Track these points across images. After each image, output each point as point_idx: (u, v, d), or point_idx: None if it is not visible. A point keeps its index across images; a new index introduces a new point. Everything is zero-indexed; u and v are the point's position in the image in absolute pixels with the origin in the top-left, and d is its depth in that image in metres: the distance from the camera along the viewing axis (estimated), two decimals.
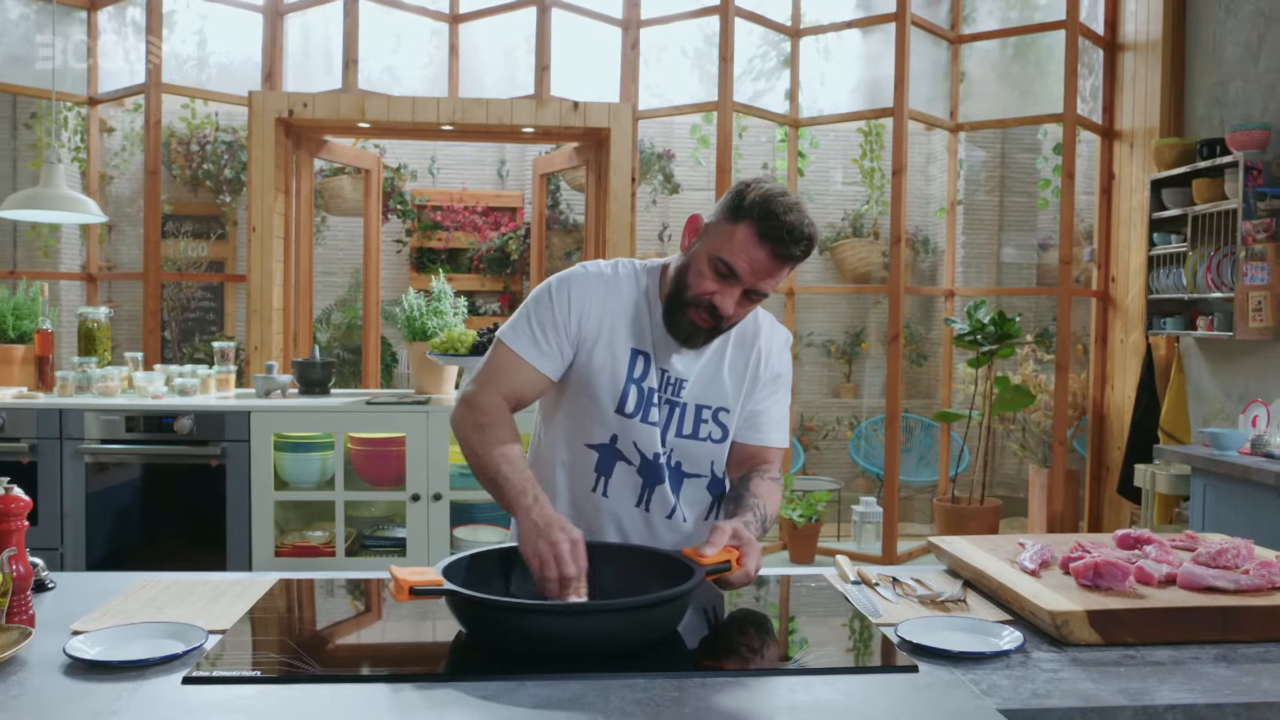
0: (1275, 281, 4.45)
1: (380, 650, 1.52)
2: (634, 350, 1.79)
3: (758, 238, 1.64)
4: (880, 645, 1.47)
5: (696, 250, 1.72)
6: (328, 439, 3.59)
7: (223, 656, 1.39)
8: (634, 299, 1.80)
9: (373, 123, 5.03)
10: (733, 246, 1.66)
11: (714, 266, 1.68)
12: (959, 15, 5.83)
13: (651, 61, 5.70)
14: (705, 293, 1.69)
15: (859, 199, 7.92)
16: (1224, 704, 1.28)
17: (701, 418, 1.83)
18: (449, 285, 3.97)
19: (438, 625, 1.56)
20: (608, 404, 1.78)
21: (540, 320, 1.77)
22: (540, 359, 1.76)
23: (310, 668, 1.35)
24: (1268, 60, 4.67)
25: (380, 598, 1.75)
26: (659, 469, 1.81)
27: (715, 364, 1.84)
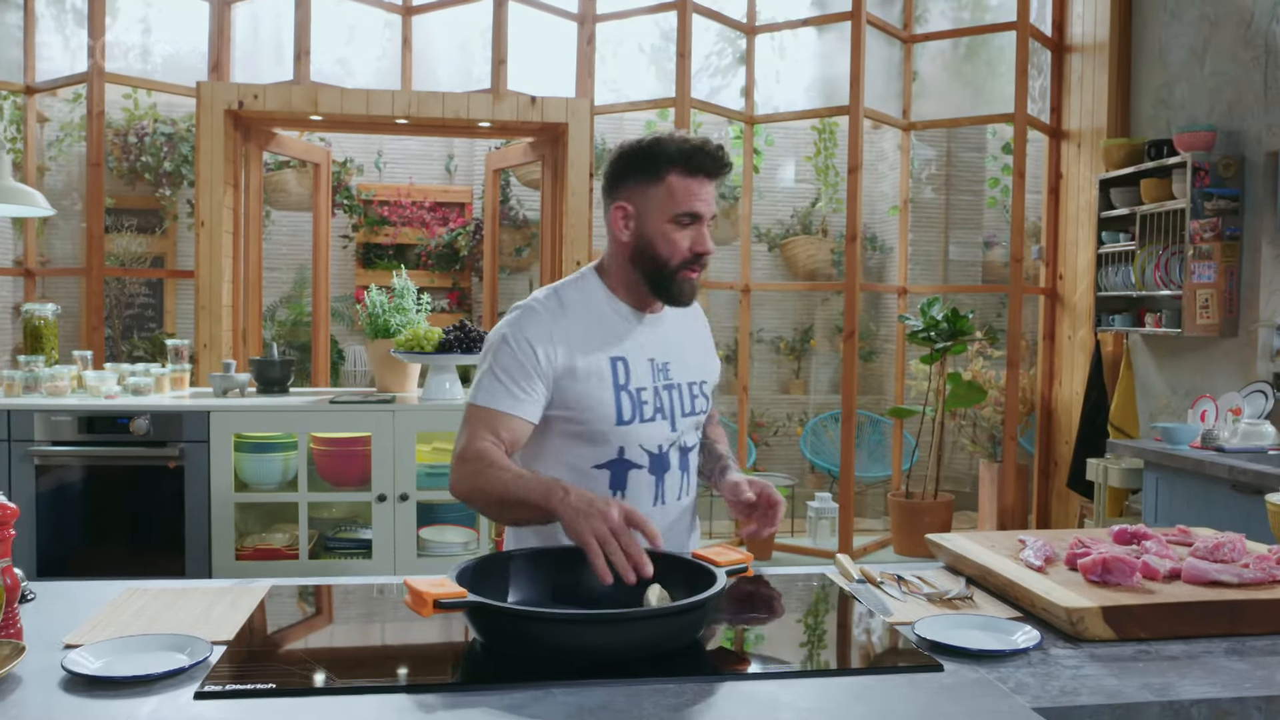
0: (1221, 280, 4.55)
1: (393, 657, 1.48)
2: (611, 359, 1.81)
3: (690, 174, 1.75)
4: (900, 644, 1.46)
5: (644, 226, 1.78)
6: (290, 439, 3.51)
7: (233, 668, 1.34)
8: (590, 310, 1.83)
9: (325, 115, 4.93)
10: (681, 197, 1.75)
11: (678, 223, 1.76)
12: (911, 15, 5.89)
13: (608, 57, 5.67)
14: (688, 251, 1.78)
15: (808, 196, 7.97)
16: (1245, 698, 1.29)
17: (693, 393, 1.91)
18: (411, 282, 3.90)
19: (446, 630, 1.52)
20: (608, 421, 1.79)
21: (508, 370, 1.76)
22: (517, 405, 1.75)
23: (327, 678, 1.30)
24: (1213, 64, 4.79)
25: (382, 603, 1.71)
26: (665, 459, 1.86)
27: (683, 340, 1.93)
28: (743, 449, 6.42)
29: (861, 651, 1.47)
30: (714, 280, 7.64)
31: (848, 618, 1.61)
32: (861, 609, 1.63)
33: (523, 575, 1.57)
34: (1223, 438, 4.12)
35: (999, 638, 1.47)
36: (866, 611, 1.62)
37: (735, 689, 1.29)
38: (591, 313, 1.83)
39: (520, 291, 7.74)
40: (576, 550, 1.55)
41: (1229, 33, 4.68)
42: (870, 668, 1.37)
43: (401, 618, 1.64)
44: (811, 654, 1.48)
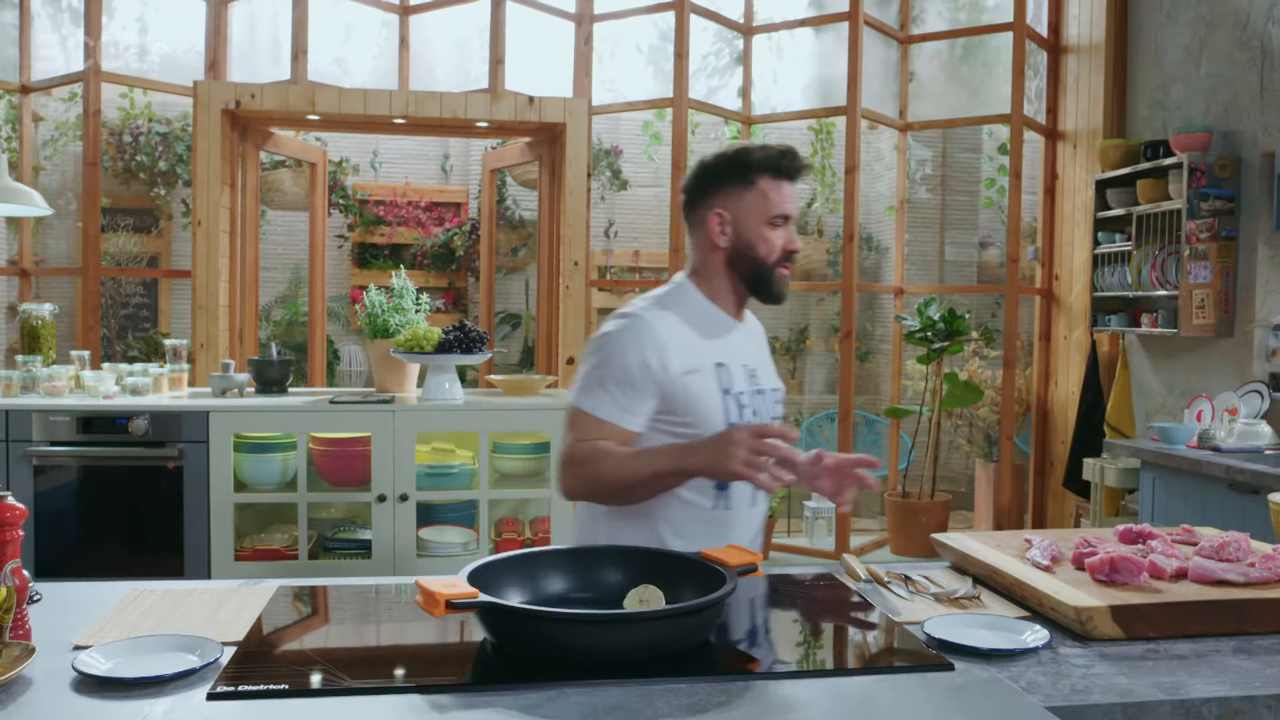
0: (1217, 280, 4.57)
1: (403, 657, 1.47)
2: (715, 364, 1.89)
3: (778, 178, 1.90)
4: (910, 644, 1.46)
5: (740, 230, 1.90)
6: (289, 439, 3.50)
7: (244, 669, 1.33)
8: (694, 317, 1.91)
9: (323, 115, 4.92)
10: (774, 199, 1.89)
11: (772, 224, 1.89)
12: (908, 15, 5.90)
13: (605, 57, 5.67)
14: (782, 250, 1.90)
15: (803, 196, 7.97)
16: (1256, 696, 1.30)
17: (775, 399, 2.01)
18: (410, 282, 3.90)
19: (456, 630, 1.52)
20: (717, 424, 1.84)
21: (618, 382, 1.82)
22: (622, 417, 1.82)
23: (339, 678, 1.30)
24: (1209, 64, 4.80)
25: (389, 603, 1.71)
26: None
27: (759, 349, 2.04)
28: None
29: (872, 651, 1.47)
30: None
31: (856, 617, 1.61)
32: (870, 608, 1.64)
33: (532, 576, 1.57)
34: (1219, 437, 4.14)
35: (1008, 637, 1.47)
36: (875, 611, 1.62)
37: (747, 689, 1.29)
38: (695, 320, 1.91)
39: (516, 292, 7.74)
40: (586, 550, 1.58)
41: (1225, 34, 4.69)
42: (882, 667, 1.37)
43: (409, 618, 1.64)
44: (822, 654, 1.49)
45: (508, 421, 3.61)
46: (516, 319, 7.70)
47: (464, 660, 1.45)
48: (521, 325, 7.70)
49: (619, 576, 1.59)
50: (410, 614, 1.67)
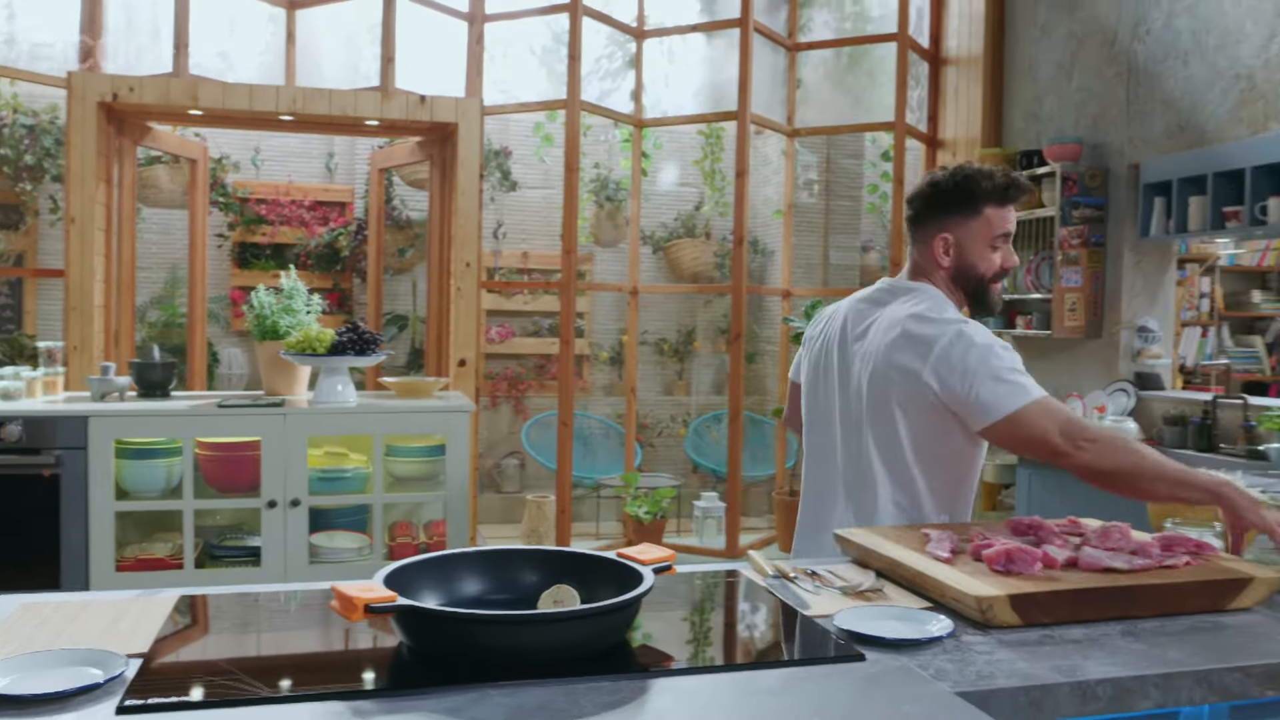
0: (1087, 284, 4.80)
1: (319, 664, 1.45)
2: None
3: (1003, 204, 2.07)
4: (822, 637, 1.50)
5: (964, 249, 2.09)
6: (174, 444, 3.38)
7: (152, 681, 1.29)
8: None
9: (206, 110, 4.77)
10: (996, 224, 2.07)
11: (994, 245, 2.08)
12: (796, 24, 6.02)
13: (498, 57, 5.63)
14: (1001, 266, 2.10)
15: (691, 199, 8.07)
16: (1145, 675, 1.38)
17: None
18: (300, 283, 3.81)
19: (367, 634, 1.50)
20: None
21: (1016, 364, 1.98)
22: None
23: (254, 687, 1.27)
24: (1079, 79, 5.04)
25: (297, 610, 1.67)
26: None
27: None
28: (630, 451, 6.46)
29: (786, 644, 1.50)
30: (603, 282, 7.67)
31: (768, 612, 1.65)
32: (780, 603, 1.67)
33: (447, 578, 1.56)
34: None
35: (914, 627, 1.52)
36: (786, 606, 1.66)
37: (669, 685, 1.31)
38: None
39: (403, 293, 7.63)
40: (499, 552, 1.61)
41: (1094, 50, 4.93)
42: (797, 660, 1.40)
43: (319, 624, 1.61)
44: (738, 648, 1.51)
45: (402, 424, 3.57)
46: (403, 320, 7.59)
47: (379, 665, 1.43)
48: (409, 327, 7.60)
49: (534, 577, 1.59)
50: (319, 620, 1.64)
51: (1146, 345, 4.68)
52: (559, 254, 7.70)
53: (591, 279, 7.78)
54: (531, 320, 7.89)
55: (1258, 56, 4.03)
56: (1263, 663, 1.42)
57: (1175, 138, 4.44)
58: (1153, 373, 4.64)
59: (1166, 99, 4.49)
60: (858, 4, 6.19)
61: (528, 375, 7.80)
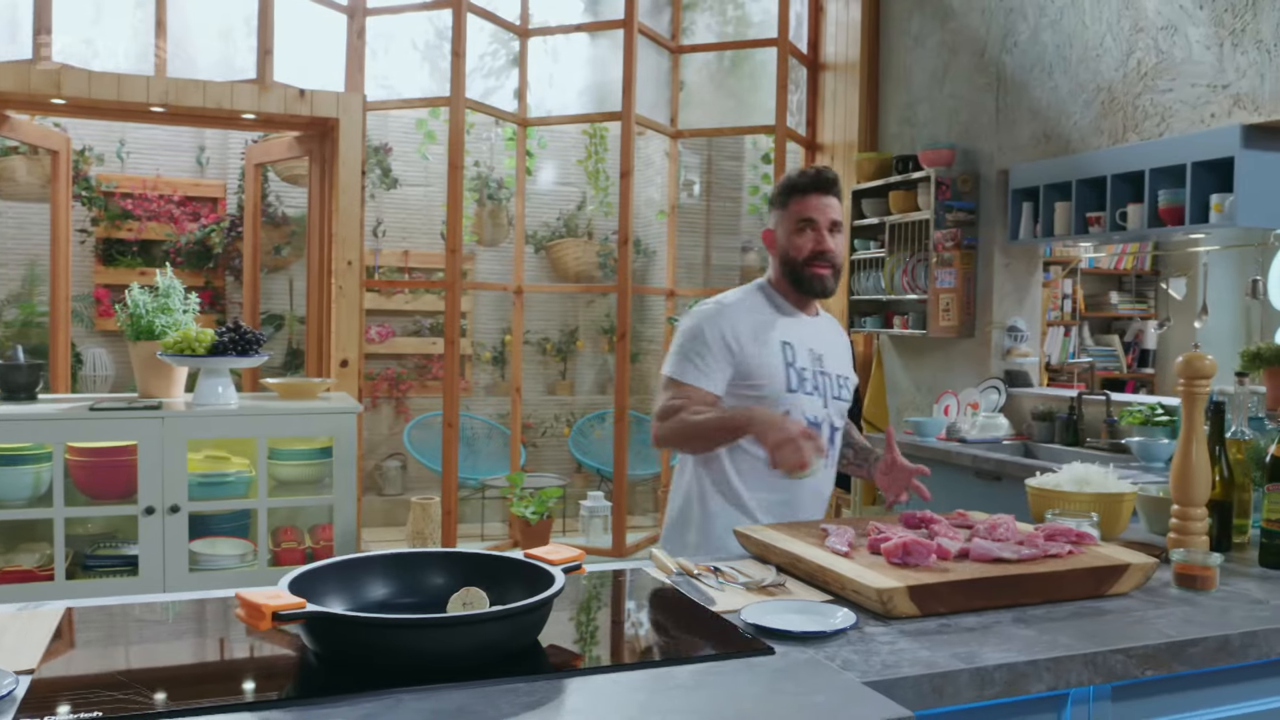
0: (960, 285, 4.98)
1: (222, 674, 1.41)
2: (782, 342, 2.32)
3: (803, 193, 2.34)
4: (730, 632, 1.53)
5: (780, 242, 2.36)
6: (43, 450, 3.22)
7: (47, 698, 1.23)
8: (762, 307, 2.37)
9: (70, 99, 4.55)
10: (796, 210, 2.33)
11: (798, 229, 2.32)
12: (679, 26, 6.08)
13: (380, 52, 5.53)
14: (805, 248, 2.31)
15: (574, 199, 8.07)
16: (1038, 660, 1.44)
17: (839, 383, 2.41)
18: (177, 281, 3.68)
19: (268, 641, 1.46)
20: (779, 387, 2.29)
21: (699, 353, 2.29)
22: (700, 379, 2.28)
23: (160, 701, 1.23)
24: (951, 87, 5.22)
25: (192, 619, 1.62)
26: (820, 429, 2.33)
27: (832, 343, 2.44)
28: (515, 451, 6.42)
29: (696, 640, 1.52)
30: (484, 281, 7.61)
31: (675, 609, 1.67)
32: (686, 600, 1.69)
33: (353, 583, 1.54)
34: (964, 430, 4.51)
35: (819, 620, 1.56)
36: (692, 602, 1.68)
37: (584, 684, 1.32)
38: (763, 310, 2.36)
39: (279, 291, 7.43)
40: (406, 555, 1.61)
41: (965, 60, 5.12)
42: (708, 655, 1.42)
43: (218, 633, 1.57)
44: (650, 645, 1.53)
45: (287, 426, 3.48)
46: (279, 320, 7.39)
47: (285, 673, 1.40)
48: (285, 326, 7.40)
49: (441, 580, 1.58)
50: (215, 629, 1.60)
51: (1016, 344, 4.88)
52: (440, 253, 7.63)
53: (473, 278, 7.71)
54: (412, 320, 7.78)
55: (1117, 70, 4.25)
56: (1142, 644, 1.51)
57: (1041, 146, 4.64)
58: (1021, 371, 4.85)
59: (1033, 108, 4.69)
60: (739, 9, 6.29)
61: (409, 376, 7.69)
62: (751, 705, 1.24)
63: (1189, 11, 3.92)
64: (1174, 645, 1.53)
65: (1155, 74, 4.06)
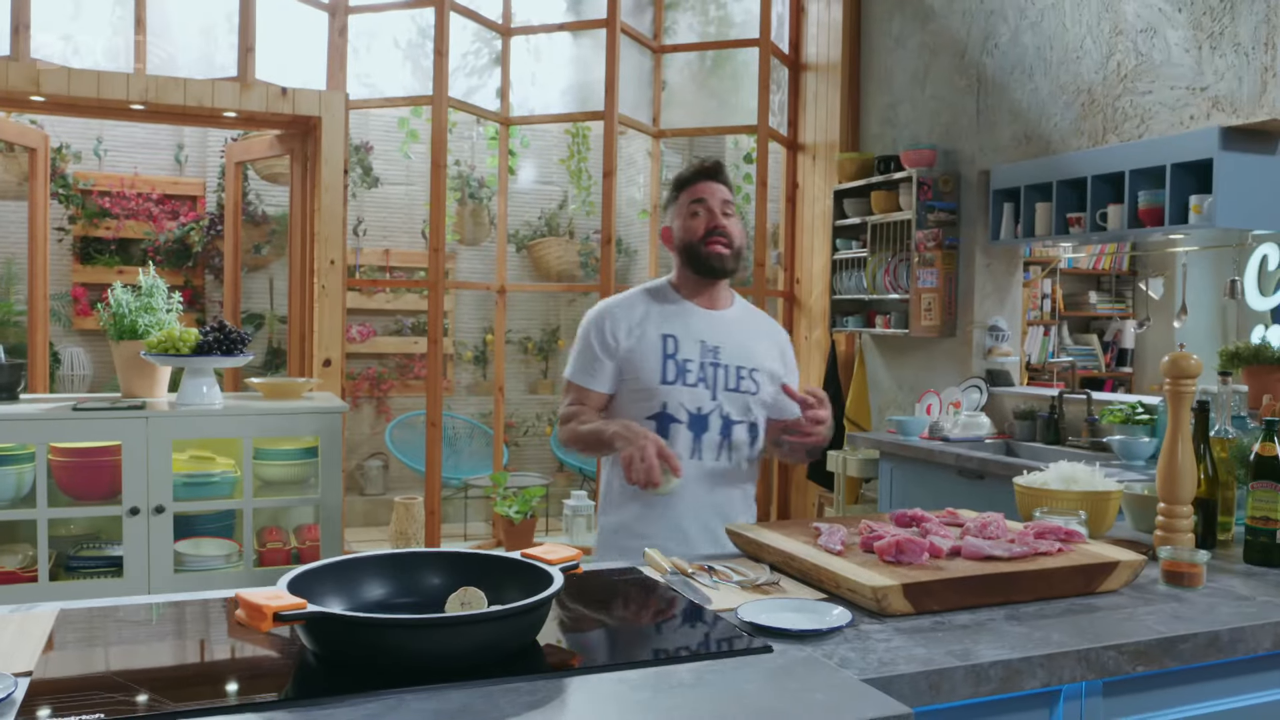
0: (942, 285, 5.01)
1: (223, 675, 1.40)
2: (662, 335, 2.35)
3: (690, 181, 2.40)
4: (727, 630, 1.54)
5: (677, 227, 2.40)
6: (25, 450, 3.20)
7: (48, 700, 1.23)
8: (653, 300, 2.41)
9: (49, 97, 4.52)
10: (688, 196, 2.39)
11: (692, 212, 2.37)
12: (661, 26, 6.09)
13: (361, 50, 5.51)
14: (700, 228, 2.35)
15: (555, 198, 8.07)
16: (1031, 656, 1.46)
17: (740, 375, 2.37)
18: (161, 280, 3.65)
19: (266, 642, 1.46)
20: (654, 379, 2.32)
21: (585, 355, 2.38)
22: (591, 380, 2.36)
23: (160, 701, 1.22)
24: (932, 88, 5.26)
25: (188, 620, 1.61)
26: (704, 420, 2.33)
27: (744, 336, 2.42)
28: (498, 450, 6.42)
29: (695, 639, 1.53)
30: (466, 280, 7.59)
31: (672, 608, 1.67)
32: (682, 599, 1.70)
33: (350, 583, 1.54)
34: (947, 429, 4.54)
35: (815, 618, 1.58)
36: (688, 601, 1.69)
37: (585, 683, 1.32)
38: (647, 305, 2.40)
39: (259, 290, 7.39)
40: (403, 555, 1.62)
41: (946, 61, 5.15)
42: (708, 654, 1.43)
43: (214, 633, 1.57)
44: (649, 644, 1.53)
45: (272, 426, 3.46)
46: (260, 319, 7.35)
47: (284, 673, 1.39)
48: (266, 325, 7.36)
49: (438, 580, 1.58)
50: (211, 630, 1.59)
51: (997, 343, 4.92)
52: (421, 251, 7.62)
53: (454, 277, 7.69)
54: (394, 319, 7.75)
55: (1097, 73, 4.29)
56: (1133, 641, 1.53)
57: (1022, 147, 4.68)
58: (1003, 370, 4.88)
59: (1014, 110, 4.73)
60: (721, 9, 6.30)
61: (390, 375, 7.66)
62: (753, 703, 1.25)
63: (1168, 15, 3.96)
64: (1165, 641, 1.55)
65: (1135, 76, 4.10)
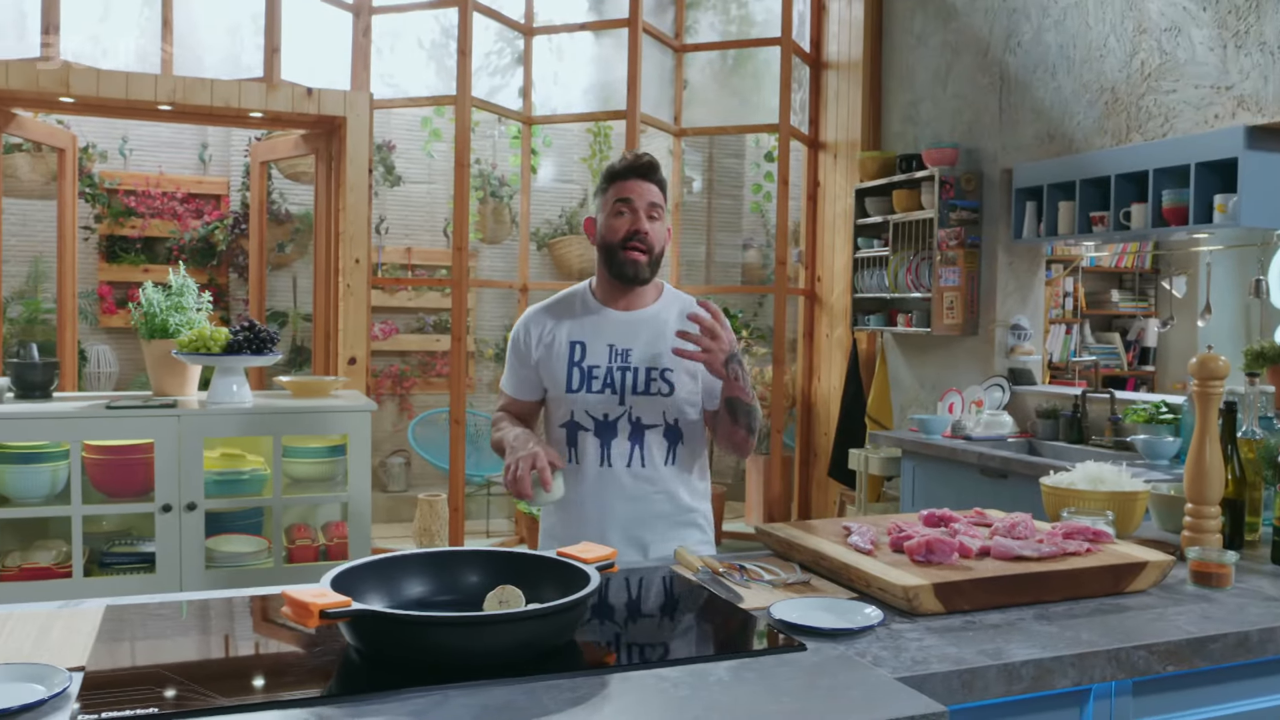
0: (964, 283, 5.02)
1: (269, 671, 1.43)
2: (571, 342, 2.30)
3: (621, 177, 2.27)
4: (761, 628, 1.56)
5: (600, 223, 2.30)
6: (60, 448, 3.24)
7: (101, 695, 1.26)
8: (567, 306, 2.36)
9: (79, 98, 4.57)
10: (613, 193, 2.27)
11: (616, 211, 2.25)
12: (682, 25, 6.11)
13: (385, 50, 5.55)
14: (621, 229, 2.24)
15: (575, 196, 8.09)
16: (1063, 656, 1.48)
17: (650, 377, 2.28)
18: (191, 279, 3.70)
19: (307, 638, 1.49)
20: (561, 387, 2.29)
21: (510, 363, 2.40)
22: (517, 389, 2.38)
23: (209, 697, 1.26)
24: (954, 86, 5.26)
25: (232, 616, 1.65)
26: (612, 427, 2.27)
27: (655, 335, 2.30)
28: None
29: (729, 637, 1.56)
30: (487, 279, 7.63)
31: (706, 606, 1.70)
32: (715, 597, 1.73)
33: (390, 581, 1.57)
34: (969, 427, 4.55)
35: (847, 617, 1.60)
36: (721, 599, 1.71)
37: (625, 679, 1.35)
38: (566, 309, 2.35)
39: (282, 289, 7.44)
40: (442, 554, 1.66)
41: (968, 60, 5.15)
42: (743, 651, 1.46)
43: (256, 629, 1.60)
44: (685, 642, 1.56)
45: (301, 424, 3.50)
46: (283, 317, 7.40)
47: (329, 670, 1.43)
48: (289, 323, 7.41)
49: (476, 578, 1.61)
50: (253, 626, 1.63)
51: (1019, 342, 4.92)
52: (442, 249, 7.66)
53: (475, 275, 7.73)
54: (415, 317, 7.79)
55: (1120, 71, 4.28)
56: (1164, 640, 1.55)
57: (1045, 145, 4.67)
58: (1025, 368, 4.88)
59: (1037, 108, 4.72)
60: (742, 8, 6.31)
61: (412, 373, 7.71)
62: (791, 700, 1.27)
63: (1192, 13, 3.95)
64: (1195, 641, 1.56)
65: (1159, 75, 4.10)
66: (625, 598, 1.78)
